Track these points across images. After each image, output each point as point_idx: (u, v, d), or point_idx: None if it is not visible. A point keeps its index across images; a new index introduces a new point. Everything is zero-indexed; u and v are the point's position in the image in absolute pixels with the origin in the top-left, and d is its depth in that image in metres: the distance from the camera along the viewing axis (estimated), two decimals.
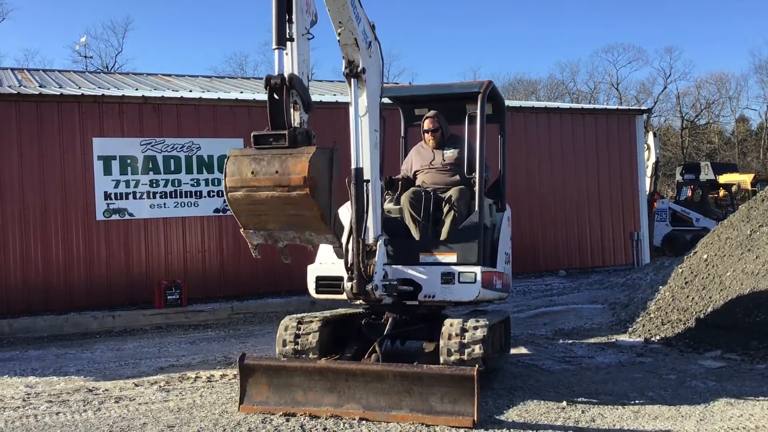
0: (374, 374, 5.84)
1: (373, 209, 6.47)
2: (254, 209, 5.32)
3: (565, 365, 7.65)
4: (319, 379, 5.93)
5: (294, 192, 5.13)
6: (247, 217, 5.41)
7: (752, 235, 9.36)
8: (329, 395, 5.91)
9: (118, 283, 12.10)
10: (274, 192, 5.16)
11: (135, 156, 12.29)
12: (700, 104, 55.71)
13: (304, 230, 5.44)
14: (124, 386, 7.23)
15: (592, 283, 14.33)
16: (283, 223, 5.41)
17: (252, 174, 5.17)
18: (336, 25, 6.17)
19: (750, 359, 7.47)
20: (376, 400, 5.79)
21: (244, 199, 5.25)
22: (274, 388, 6.01)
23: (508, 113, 15.50)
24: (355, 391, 5.86)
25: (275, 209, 5.28)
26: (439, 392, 5.65)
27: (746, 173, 28.35)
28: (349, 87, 6.52)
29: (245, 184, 5.20)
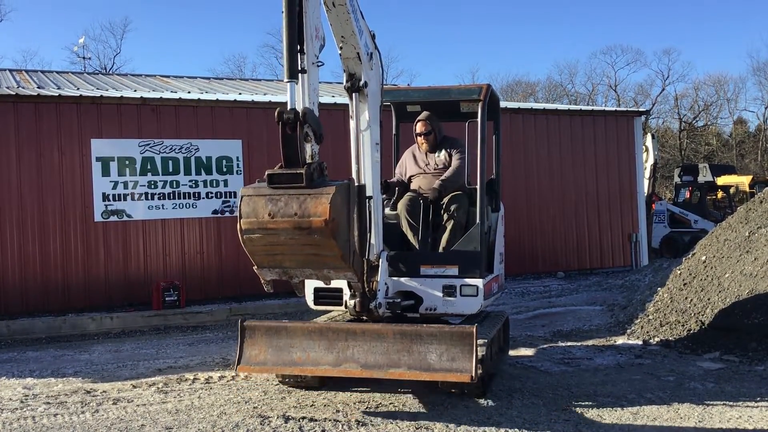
0: (374, 333, 5.84)
1: (375, 225, 6.35)
2: (270, 249, 5.20)
3: (564, 367, 7.65)
4: (319, 338, 5.89)
5: (315, 234, 5.02)
6: (263, 257, 5.29)
7: (750, 237, 9.37)
8: (328, 355, 5.86)
9: (117, 285, 12.09)
10: (294, 234, 5.05)
11: (133, 157, 12.27)
12: (698, 106, 55.83)
13: (322, 268, 5.35)
14: (122, 388, 7.22)
15: (590, 284, 14.33)
16: (301, 262, 5.30)
17: (269, 216, 5.04)
18: (338, 39, 6.10)
19: (749, 361, 7.48)
20: (374, 358, 5.78)
21: (260, 240, 5.13)
22: (273, 349, 5.93)
23: (507, 114, 15.65)
24: (354, 350, 5.83)
25: (293, 250, 5.17)
26: (437, 350, 5.67)
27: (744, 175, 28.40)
28: (351, 101, 6.41)
29: (262, 226, 5.08)
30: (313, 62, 5.49)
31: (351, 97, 6.40)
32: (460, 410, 6.04)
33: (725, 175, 25.01)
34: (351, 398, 6.50)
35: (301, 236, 5.04)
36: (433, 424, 5.68)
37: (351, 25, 5.98)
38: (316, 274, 5.40)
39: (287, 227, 5.02)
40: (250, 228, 5.10)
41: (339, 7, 5.81)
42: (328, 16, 5.88)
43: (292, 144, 5.10)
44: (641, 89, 58.16)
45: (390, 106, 8.15)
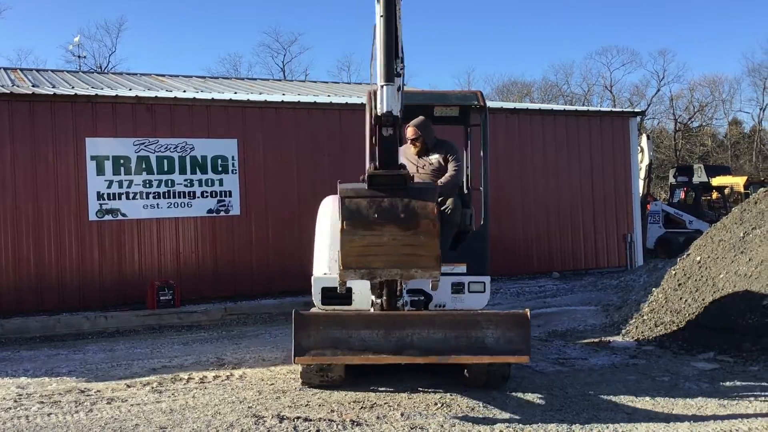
0: (431, 320, 5.96)
1: None
2: (366, 250, 5.26)
3: (559, 367, 7.66)
4: (377, 327, 5.91)
5: (420, 235, 5.18)
6: (355, 258, 5.33)
7: (745, 238, 9.38)
8: (387, 343, 5.89)
9: (111, 284, 12.06)
10: (397, 235, 5.17)
11: (128, 156, 12.24)
12: (694, 107, 55.94)
13: (411, 268, 5.44)
14: (116, 387, 7.20)
15: (585, 284, 14.34)
16: (392, 262, 5.39)
17: (375, 217, 5.14)
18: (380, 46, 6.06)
19: (743, 361, 7.49)
20: (434, 345, 5.86)
21: (361, 241, 5.19)
22: (329, 339, 5.91)
23: (503, 115, 15.68)
24: (413, 338, 5.88)
25: (390, 250, 5.26)
26: (494, 334, 5.85)
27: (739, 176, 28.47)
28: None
29: (367, 227, 5.16)
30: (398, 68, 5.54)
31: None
32: (454, 410, 6.04)
33: (720, 176, 25.04)
34: (346, 398, 6.49)
35: (405, 237, 5.20)
36: (427, 423, 5.68)
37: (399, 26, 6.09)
38: (402, 273, 5.52)
39: (393, 228, 5.16)
40: (353, 229, 5.16)
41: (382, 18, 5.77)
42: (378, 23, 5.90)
43: (390, 146, 5.17)
44: (636, 90, 58.17)
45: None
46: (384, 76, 5.19)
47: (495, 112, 15.84)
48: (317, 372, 6.66)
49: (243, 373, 7.65)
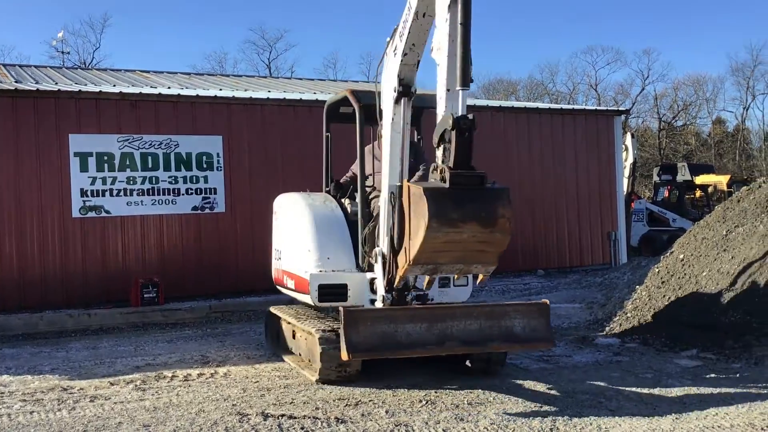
0: (467, 312, 6.34)
1: None
2: (443, 246, 5.40)
3: (543, 364, 7.69)
4: (420, 321, 6.12)
5: (497, 233, 5.43)
6: (429, 254, 5.46)
7: (728, 236, 9.45)
8: (430, 336, 6.11)
9: (95, 281, 11.97)
10: (476, 232, 5.36)
11: (112, 153, 12.16)
12: (678, 106, 56.30)
13: (474, 263, 5.68)
14: (99, 385, 7.16)
15: (570, 282, 14.40)
16: (459, 259, 5.58)
17: (457, 215, 5.28)
18: (408, 46, 6.32)
19: (725, 358, 7.55)
20: (471, 335, 6.19)
21: (442, 237, 5.32)
22: (378, 335, 6.02)
23: (488, 113, 15.69)
24: (453, 330, 6.15)
25: (464, 246, 5.45)
26: (520, 323, 6.29)
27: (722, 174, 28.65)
28: (398, 108, 6.59)
29: (451, 225, 5.29)
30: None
31: (398, 103, 6.58)
32: (439, 407, 6.05)
33: (703, 175, 25.22)
34: (330, 395, 6.49)
35: (483, 234, 5.40)
36: (412, 420, 5.68)
37: (426, 35, 6.24)
38: (464, 269, 5.79)
39: (474, 226, 5.34)
40: (438, 226, 5.26)
41: (430, 18, 6.04)
42: (414, 24, 6.15)
43: (467, 147, 5.33)
44: (621, 89, 58.45)
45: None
46: (461, 81, 5.36)
47: (480, 110, 15.88)
48: (336, 368, 6.71)
49: (228, 371, 7.63)
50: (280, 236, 8.57)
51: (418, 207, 5.34)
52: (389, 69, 6.67)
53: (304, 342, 7.52)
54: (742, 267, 8.58)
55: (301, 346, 7.63)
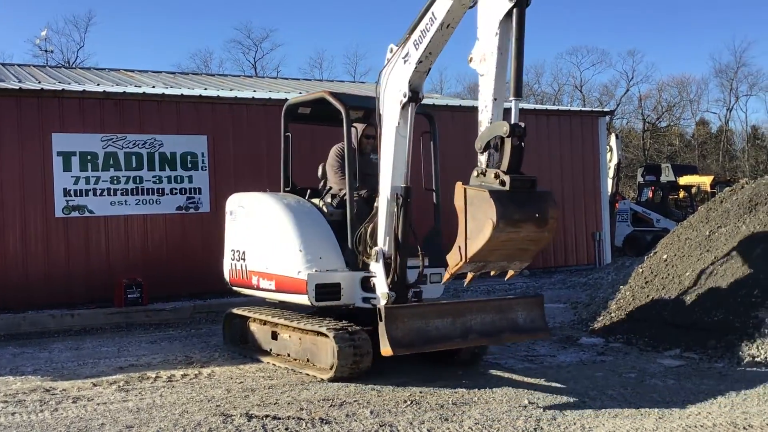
0: (482, 306, 6.95)
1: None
2: (500, 246, 5.65)
3: (528, 364, 7.71)
4: (447, 316, 6.58)
5: (546, 232, 5.76)
6: (485, 252, 5.68)
7: (711, 236, 9.51)
8: (455, 330, 6.56)
9: (78, 282, 11.88)
10: (530, 232, 5.68)
11: (95, 152, 12.07)
12: (662, 107, 56.70)
13: (514, 261, 5.97)
14: (82, 386, 7.11)
15: (554, 282, 14.46)
16: (506, 256, 5.87)
17: (518, 216, 5.57)
18: (424, 55, 6.58)
19: (708, 358, 7.59)
20: (487, 328, 6.71)
21: (503, 236, 5.56)
22: (413, 330, 6.37)
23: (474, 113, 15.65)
24: (472, 323, 6.65)
25: (515, 245, 5.74)
26: (522, 315, 6.93)
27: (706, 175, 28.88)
28: (405, 114, 6.86)
29: (513, 225, 5.55)
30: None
31: (406, 109, 6.84)
32: (423, 407, 6.05)
33: (687, 175, 25.41)
34: (315, 396, 6.48)
35: (536, 233, 5.71)
36: (396, 420, 5.68)
37: (443, 45, 6.57)
38: (506, 266, 6.03)
39: (529, 226, 5.64)
40: (504, 226, 5.50)
41: (452, 29, 6.44)
42: (436, 34, 6.41)
43: (520, 153, 5.64)
44: (606, 90, 58.80)
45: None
46: (515, 91, 5.68)
47: (467, 110, 15.91)
48: (351, 365, 6.81)
49: (212, 372, 7.59)
50: (244, 236, 8.47)
51: (482, 208, 5.55)
52: (398, 75, 6.84)
53: (297, 341, 7.52)
54: (725, 267, 8.63)
55: (291, 346, 7.62)
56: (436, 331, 6.48)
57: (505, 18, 5.71)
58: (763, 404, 5.97)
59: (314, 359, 7.27)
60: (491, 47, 5.82)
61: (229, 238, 8.83)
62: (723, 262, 8.74)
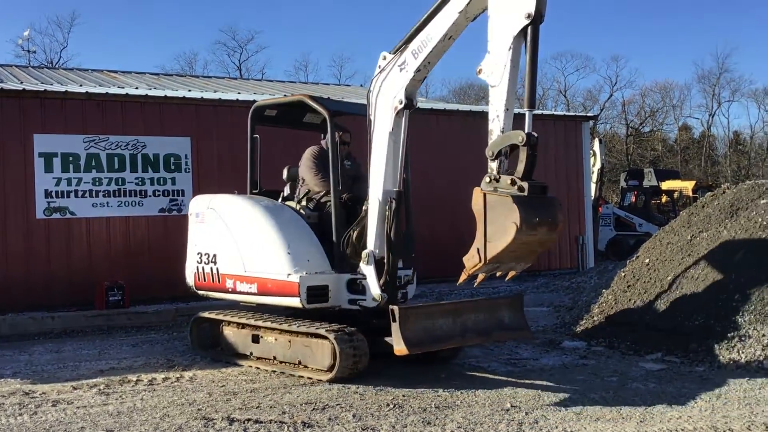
0: (476, 306, 7.29)
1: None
2: (517, 248, 5.91)
3: (510, 367, 7.72)
4: (450, 316, 6.89)
5: (554, 235, 6.10)
6: (503, 255, 5.94)
7: (692, 241, 9.58)
8: (455, 329, 6.84)
9: (59, 284, 11.78)
10: (545, 235, 5.98)
11: (77, 153, 11.98)
12: (645, 112, 57.07)
13: (521, 262, 6.28)
14: (62, 389, 7.05)
15: (538, 286, 14.50)
16: (517, 258, 6.16)
17: (537, 220, 5.83)
18: (423, 64, 6.82)
19: (689, 362, 7.63)
20: (480, 327, 7.04)
21: (522, 239, 5.81)
22: (423, 330, 6.65)
23: (459, 117, 15.74)
24: (468, 323, 6.94)
25: (530, 248, 6.07)
26: (507, 315, 7.28)
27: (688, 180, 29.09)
28: (399, 120, 7.09)
29: (532, 228, 5.81)
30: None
31: (401, 116, 7.08)
32: (406, 410, 6.05)
33: (670, 180, 25.58)
34: (297, 399, 6.46)
35: (547, 236, 6.02)
36: (379, 424, 5.67)
37: (443, 55, 6.86)
38: (513, 266, 6.32)
39: (544, 229, 5.92)
40: (526, 230, 5.76)
41: (452, 41, 6.71)
42: (439, 45, 6.65)
43: (534, 161, 5.92)
44: (590, 95, 59.05)
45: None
46: (528, 103, 6.02)
47: (451, 114, 15.96)
48: (351, 366, 6.88)
49: (193, 375, 7.55)
50: (216, 239, 8.28)
51: (504, 213, 5.79)
52: (393, 83, 7.02)
53: (286, 344, 7.49)
54: (706, 272, 8.69)
55: (278, 349, 7.57)
56: (441, 330, 6.74)
57: (519, 33, 5.98)
58: (743, 408, 6.01)
59: (308, 361, 7.25)
60: (504, 60, 6.09)
61: (195, 241, 8.62)
62: (704, 267, 8.80)
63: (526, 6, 5.91)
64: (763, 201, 9.54)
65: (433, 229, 13.71)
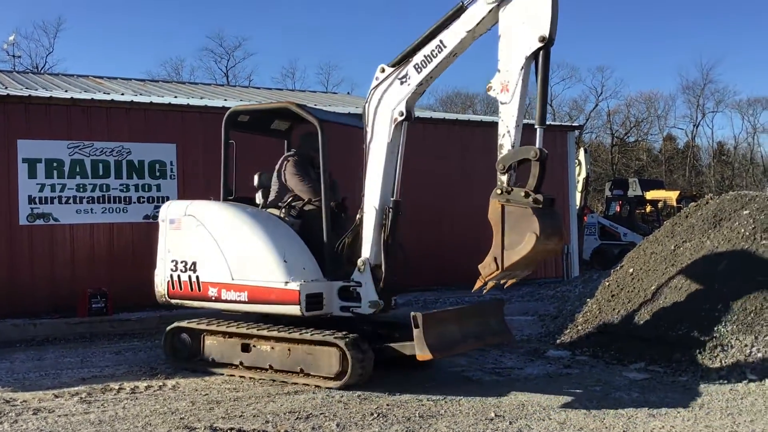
0: (470, 312, 7.67)
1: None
2: (532, 256, 6.23)
3: (495, 376, 7.72)
4: (456, 322, 7.17)
5: (560, 244, 6.50)
6: (519, 263, 6.25)
7: (676, 251, 9.63)
8: (459, 335, 7.11)
9: (42, 291, 11.68)
10: (554, 244, 6.36)
11: (62, 159, 11.91)
12: (630, 122, 57.46)
13: (525, 269, 6.59)
14: (43, 397, 6.98)
15: (523, 295, 14.52)
16: (526, 266, 6.48)
17: (551, 230, 6.22)
18: (425, 78, 7.09)
19: (673, 371, 7.67)
20: (476, 331, 7.34)
21: (539, 248, 6.13)
22: (442, 336, 6.86)
23: (445, 126, 15.80)
24: (468, 329, 7.22)
25: (539, 256, 6.39)
26: (493, 320, 7.67)
27: (672, 190, 29.34)
28: (398, 132, 7.30)
29: (547, 238, 6.17)
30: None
31: (399, 128, 7.30)
32: (390, 419, 6.03)
33: (654, 190, 25.79)
34: (281, 408, 6.43)
35: (556, 246, 6.44)
36: None
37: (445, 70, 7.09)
38: (520, 275, 6.66)
39: (555, 239, 6.31)
40: (544, 239, 6.11)
41: (456, 56, 6.99)
42: (443, 61, 6.94)
43: (544, 174, 6.27)
44: (575, 104, 59.42)
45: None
46: (539, 120, 6.35)
47: (438, 123, 16.00)
48: (360, 372, 6.97)
49: (176, 383, 7.50)
50: (195, 246, 8.07)
51: (524, 223, 6.11)
52: (394, 95, 7.22)
53: (285, 352, 7.41)
54: (689, 282, 8.74)
55: (274, 358, 7.47)
56: (451, 336, 6.97)
57: (530, 57, 6.34)
58: (725, 418, 6.04)
59: (311, 369, 7.22)
60: (515, 79, 6.41)
61: (170, 249, 8.36)
62: (687, 277, 8.85)
63: (540, 29, 6.23)
64: (746, 212, 9.61)
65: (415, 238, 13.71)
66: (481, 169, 15.82)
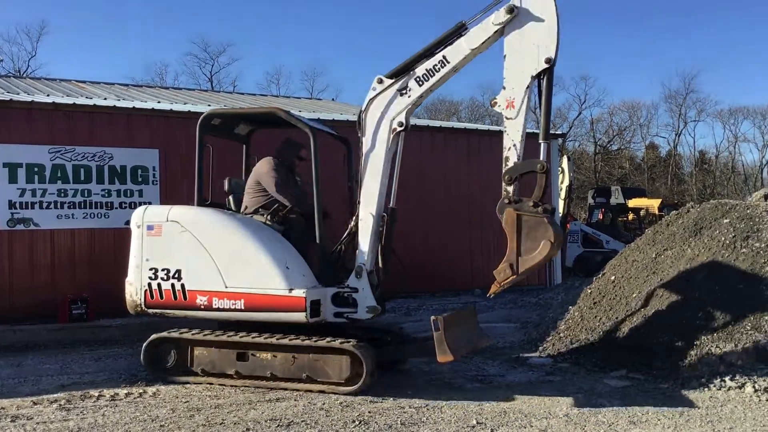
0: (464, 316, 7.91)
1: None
2: (544, 262, 6.68)
3: (477, 384, 7.73)
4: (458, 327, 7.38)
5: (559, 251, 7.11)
6: (533, 268, 6.67)
7: (657, 259, 9.68)
8: (463, 338, 7.40)
9: (21, 296, 11.57)
10: (556, 251, 6.77)
11: (43, 164, 11.82)
12: (613, 130, 57.80)
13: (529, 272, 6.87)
14: (21, 404, 6.91)
15: (506, 302, 14.55)
16: (532, 269, 6.77)
17: (560, 238, 6.70)
18: (427, 91, 7.38)
19: (653, 379, 7.70)
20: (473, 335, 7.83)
21: (552, 254, 6.62)
22: (457, 337, 7.14)
23: (428, 133, 15.83)
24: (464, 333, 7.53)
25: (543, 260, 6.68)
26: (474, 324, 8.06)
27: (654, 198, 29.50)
28: (396, 141, 7.53)
29: (558, 242, 6.63)
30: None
31: (397, 139, 7.52)
32: (371, 427, 6.02)
33: (636, 198, 25.89)
34: (262, 416, 6.40)
35: (556, 251, 6.83)
36: None
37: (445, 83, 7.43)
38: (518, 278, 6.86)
39: (558, 245, 6.68)
40: (556, 245, 6.59)
41: (459, 70, 7.31)
42: (445, 75, 7.27)
43: (548, 186, 6.75)
44: (559, 113, 59.70)
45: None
46: (543, 135, 6.92)
47: (421, 130, 16.02)
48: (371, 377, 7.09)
49: (157, 390, 7.44)
50: (180, 254, 7.82)
51: (539, 231, 6.56)
52: (394, 107, 7.43)
53: (288, 360, 7.34)
54: (670, 290, 8.79)
55: (276, 366, 7.38)
56: (460, 337, 7.24)
57: (535, 77, 6.81)
58: (705, 425, 6.07)
59: (319, 375, 7.23)
60: (521, 96, 6.87)
61: (146, 256, 7.98)
62: (668, 285, 8.90)
63: (547, 52, 6.76)
64: (726, 220, 9.68)
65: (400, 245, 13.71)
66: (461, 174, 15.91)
